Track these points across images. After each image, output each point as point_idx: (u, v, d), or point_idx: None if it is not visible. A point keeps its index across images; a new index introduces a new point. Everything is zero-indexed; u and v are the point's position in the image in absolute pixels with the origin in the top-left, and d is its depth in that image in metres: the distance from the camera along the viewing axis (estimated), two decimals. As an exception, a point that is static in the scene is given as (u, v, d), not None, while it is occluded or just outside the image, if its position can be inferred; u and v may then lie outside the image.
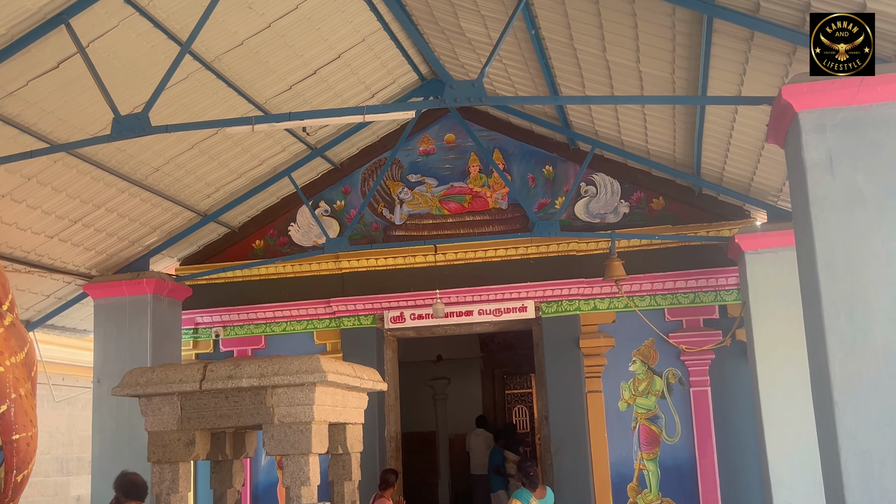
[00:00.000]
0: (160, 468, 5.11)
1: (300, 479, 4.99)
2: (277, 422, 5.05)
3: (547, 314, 9.39)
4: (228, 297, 9.90)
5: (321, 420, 5.17)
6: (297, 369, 5.04)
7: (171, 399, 5.14)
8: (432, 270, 9.54)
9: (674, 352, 9.08)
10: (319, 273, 9.85)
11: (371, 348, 9.61)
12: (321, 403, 5.17)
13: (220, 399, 5.13)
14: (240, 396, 5.11)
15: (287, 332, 9.90)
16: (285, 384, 5.04)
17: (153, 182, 8.18)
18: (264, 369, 5.06)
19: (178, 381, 5.08)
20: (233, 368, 5.10)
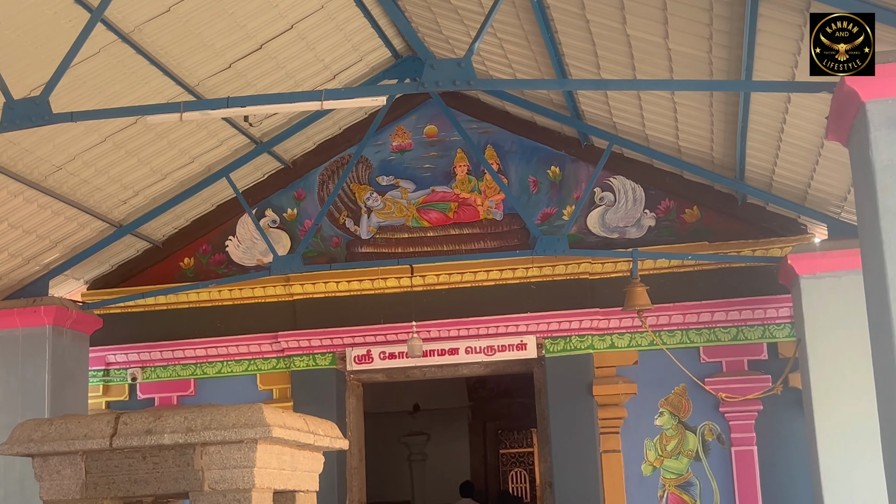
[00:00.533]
0: (58, 548, 5.04)
1: (237, 563, 4.94)
2: (208, 489, 4.99)
3: (552, 353, 9.40)
4: (149, 331, 9.85)
5: (264, 487, 5.12)
6: (235, 422, 4.99)
7: (73, 459, 5.07)
8: (407, 297, 9.53)
9: (711, 401, 9.10)
10: (265, 300, 9.83)
11: (329, 396, 9.58)
12: (264, 466, 5.12)
13: (135, 460, 5.07)
14: (161, 456, 5.05)
15: (223, 374, 9.86)
16: (219, 441, 4.98)
17: (54, 184, 8.14)
18: (192, 422, 5.01)
19: (82, 437, 5.02)
20: (152, 421, 5.05)
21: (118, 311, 9.79)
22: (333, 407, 9.51)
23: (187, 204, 9.62)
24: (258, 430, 4.96)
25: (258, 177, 9.99)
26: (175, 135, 8.46)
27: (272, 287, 9.79)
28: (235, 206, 9.83)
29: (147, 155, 8.52)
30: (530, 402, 10.70)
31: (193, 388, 9.86)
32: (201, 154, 9.01)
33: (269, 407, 5.25)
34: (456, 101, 9.70)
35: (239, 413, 5.04)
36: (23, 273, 8.91)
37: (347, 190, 9.98)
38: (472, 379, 14.25)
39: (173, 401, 9.81)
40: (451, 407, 14.73)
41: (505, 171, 9.75)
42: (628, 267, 8.96)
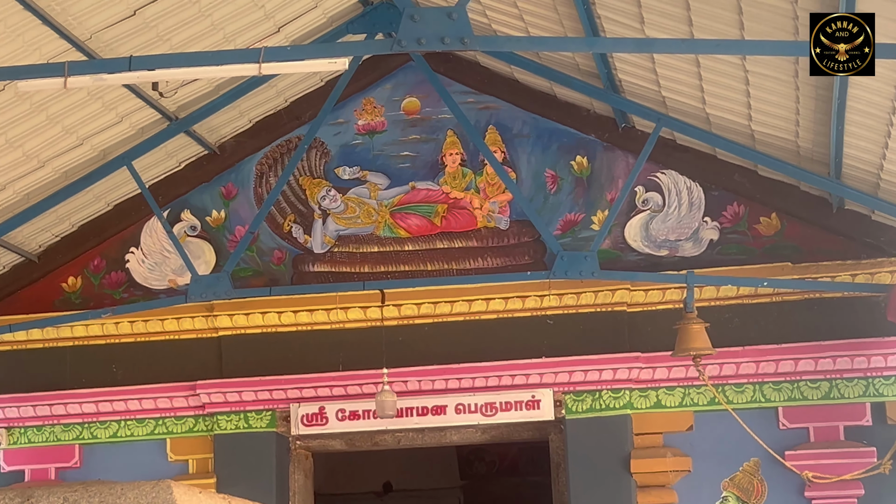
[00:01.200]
0: None
1: None
2: None
3: (575, 413, 9.42)
4: (17, 377, 9.86)
5: None
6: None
7: None
8: (377, 334, 9.53)
9: (794, 482, 9.12)
10: (180, 336, 9.85)
11: (266, 468, 9.60)
12: (174, 568, 5.12)
13: (-6, 558, 5.06)
14: (30, 554, 5.04)
15: (120, 438, 9.85)
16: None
17: None
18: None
19: (-80, 525, 5.01)
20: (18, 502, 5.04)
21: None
22: (272, 485, 9.50)
23: (74, 202, 9.61)
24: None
25: (172, 166, 9.99)
26: (57, 107, 8.44)
27: (189, 319, 9.78)
28: (140, 206, 9.83)
29: (18, 135, 8.50)
30: (545, 480, 10.68)
31: (78, 457, 9.83)
32: (93, 134, 9.00)
33: (182, 485, 5.24)
34: (446, 65, 9.73)
35: (139, 493, 5.03)
36: None
37: (295, 186, 9.98)
38: (464, 449, 14.22)
39: (50, 475, 9.77)
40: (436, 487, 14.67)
41: (513, 163, 9.77)
42: (681, 296, 8.97)
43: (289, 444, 9.87)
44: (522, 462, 14.13)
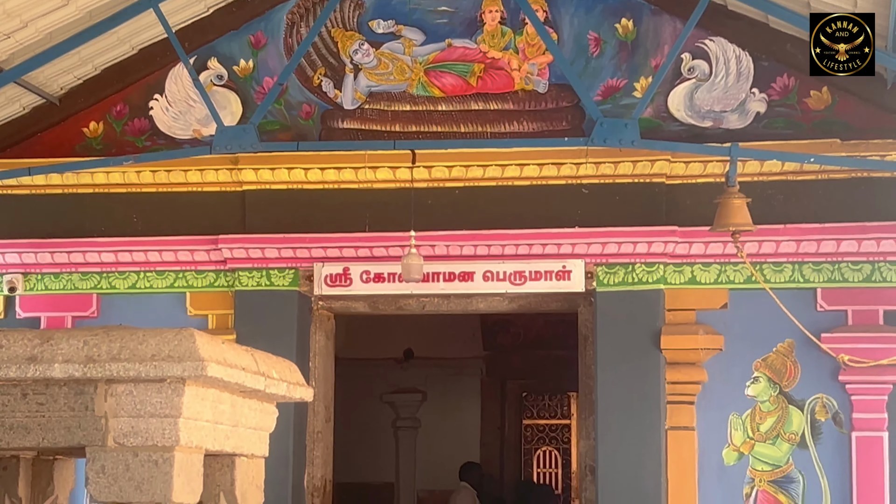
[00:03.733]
0: None
1: (149, 549, 5.01)
2: (114, 443, 5.05)
3: (606, 286, 9.44)
4: (36, 222, 9.92)
5: (192, 445, 5.18)
6: (155, 353, 5.03)
7: (-77, 392, 5.13)
8: (406, 196, 9.52)
9: (829, 366, 9.16)
10: (203, 188, 9.87)
11: (287, 328, 9.67)
12: (194, 416, 5.18)
13: (12, 398, 5.12)
14: (49, 395, 5.11)
15: (138, 290, 9.93)
16: (131, 378, 5.03)
17: None
18: (95, 349, 5.05)
19: (-63, 361, 5.06)
20: (38, 344, 5.09)
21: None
22: (293, 345, 9.56)
23: (97, 44, 9.54)
24: (188, 365, 5.00)
25: (200, 11, 9.91)
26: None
27: (213, 171, 9.79)
28: (165, 51, 9.75)
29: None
30: (569, 356, 10.75)
31: (96, 306, 9.92)
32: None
33: (205, 334, 5.27)
34: None
35: (161, 340, 5.07)
36: None
37: (327, 38, 9.90)
38: (489, 319, 14.31)
39: (67, 323, 9.87)
40: (459, 357, 14.81)
41: (555, 23, 9.66)
42: (723, 170, 8.89)
43: (311, 304, 9.93)
44: (548, 335, 14.18)
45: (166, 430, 5.05)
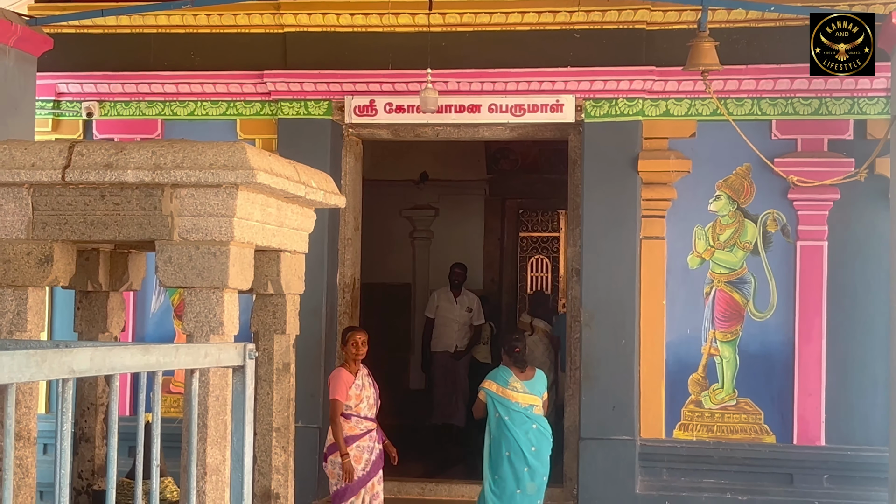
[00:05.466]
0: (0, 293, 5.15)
1: (209, 325, 5.06)
2: (179, 238, 5.06)
3: (593, 118, 9.36)
4: (108, 57, 9.78)
5: (244, 241, 5.20)
6: (213, 162, 5.00)
7: (17, 193, 5.12)
8: (424, 39, 9.36)
9: (779, 186, 9.14)
10: (250, 30, 9.72)
11: (322, 151, 9.61)
12: (246, 216, 5.18)
13: (92, 198, 5.12)
14: (123, 197, 5.10)
15: (196, 116, 9.86)
16: (193, 183, 5.02)
17: None
18: (162, 158, 5.02)
19: (29, 167, 5.04)
20: (113, 154, 5.06)
21: (72, 30, 9.66)
22: (327, 164, 9.51)
23: None
24: (240, 173, 4.99)
25: None
26: None
27: (259, 15, 9.63)
28: None
29: None
30: (559, 179, 10.74)
31: (160, 130, 9.86)
32: None
33: (254, 148, 5.25)
34: None
35: (218, 152, 5.06)
36: (-44, -24, 8.74)
37: None
38: (492, 147, 14.26)
39: (136, 143, 9.83)
40: (466, 179, 14.80)
41: None
42: (696, 17, 8.73)
43: (342, 131, 9.88)
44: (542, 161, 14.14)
45: (223, 227, 5.08)
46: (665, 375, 9.26)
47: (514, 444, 8.11)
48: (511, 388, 8.22)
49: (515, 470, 8.11)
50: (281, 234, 5.71)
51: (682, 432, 9.24)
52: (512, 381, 8.23)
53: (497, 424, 8.19)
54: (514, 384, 8.22)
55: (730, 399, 9.20)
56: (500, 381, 8.28)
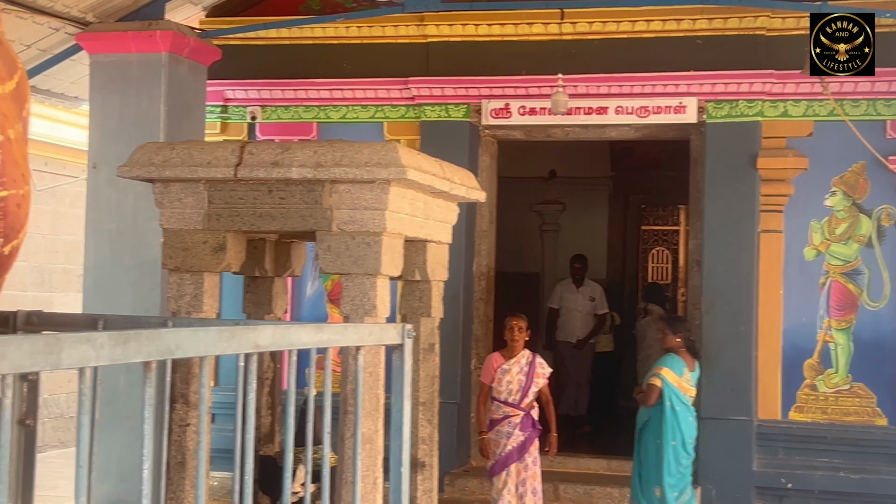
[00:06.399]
0: (179, 278, 5.29)
1: (364, 308, 5.13)
2: (337, 229, 5.14)
3: (714, 118, 9.21)
4: (270, 67, 9.96)
5: (395, 232, 5.25)
6: (368, 160, 5.06)
7: (195, 188, 5.25)
8: (555, 47, 9.37)
9: (893, 183, 8.89)
10: (396, 41, 9.79)
11: (461, 150, 9.64)
12: (396, 210, 5.23)
13: (261, 193, 5.23)
14: (288, 191, 5.20)
15: (348, 119, 9.98)
16: (350, 179, 5.09)
17: None
18: (323, 157, 5.10)
19: (205, 165, 5.17)
20: (279, 153, 5.16)
21: (238, 42, 9.86)
22: (465, 163, 9.46)
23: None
24: (392, 170, 5.04)
25: None
26: None
27: (405, 27, 9.71)
28: (367, -71, 9.63)
29: None
30: (679, 175, 10.59)
31: (316, 132, 10.01)
32: None
33: (404, 147, 5.30)
34: None
35: (372, 151, 5.12)
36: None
37: (495, -81, 9.65)
38: (616, 146, 14.14)
39: (295, 144, 9.99)
40: (591, 176, 14.70)
41: None
42: (814, 23, 8.52)
43: (479, 132, 9.91)
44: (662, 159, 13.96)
45: (376, 220, 5.13)
46: (782, 360, 9.08)
47: (680, 433, 7.68)
48: (684, 379, 7.71)
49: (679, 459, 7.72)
50: (427, 226, 5.75)
51: (797, 414, 9.06)
52: (685, 371, 7.72)
53: (670, 413, 7.64)
54: (686, 375, 7.72)
55: (844, 383, 8.97)
56: (676, 370, 7.70)
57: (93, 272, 8.98)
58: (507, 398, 7.78)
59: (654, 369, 7.87)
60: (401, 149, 5.18)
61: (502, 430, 7.75)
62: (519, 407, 7.76)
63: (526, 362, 7.85)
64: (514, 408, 7.75)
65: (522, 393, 7.77)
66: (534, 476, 7.78)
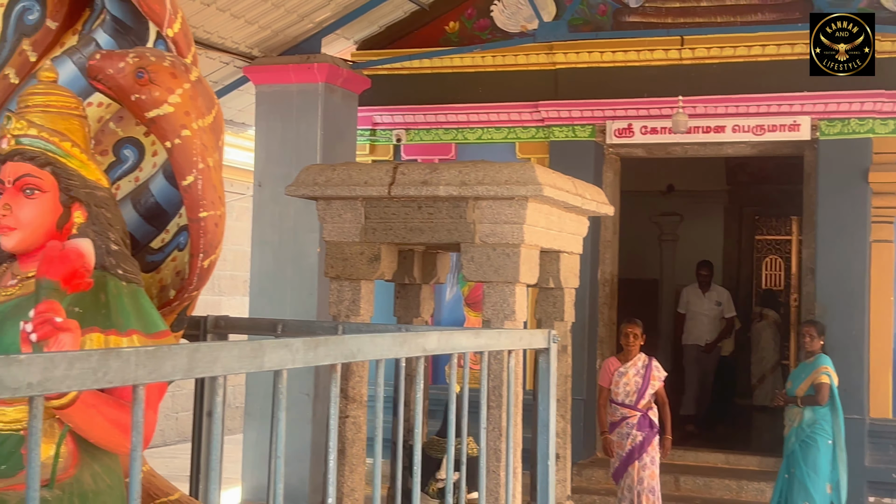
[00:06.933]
0: (339, 285, 5.42)
1: (504, 313, 5.16)
2: (479, 241, 5.19)
3: (827, 136, 8.99)
4: (413, 93, 10.08)
5: (532, 243, 5.27)
6: (507, 179, 5.10)
7: (353, 205, 5.37)
8: (675, 71, 9.27)
9: None
10: (527, 68, 9.81)
11: (587, 168, 9.59)
12: (533, 223, 5.25)
13: (411, 209, 5.31)
14: (435, 207, 5.27)
15: (483, 140, 10.04)
16: (490, 196, 5.12)
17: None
18: (466, 176, 5.15)
19: (362, 184, 5.28)
20: (428, 173, 5.23)
21: (385, 72, 10.02)
22: (590, 179, 9.43)
23: (455, -34, 9.55)
24: (530, 187, 5.06)
25: (527, -61, 9.74)
26: None
27: (535, 55, 9.73)
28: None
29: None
30: (792, 188, 10.37)
31: (454, 152, 10.10)
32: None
33: (541, 167, 5.32)
34: None
35: (511, 170, 5.15)
36: (297, 30, 9.21)
37: (618, -46, 9.60)
38: (731, 162, 13.89)
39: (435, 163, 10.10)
40: (707, 190, 14.45)
41: (792, -64, 9.05)
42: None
43: (604, 151, 9.86)
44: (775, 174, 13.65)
45: (515, 233, 5.16)
46: (893, 363, 8.80)
47: (843, 429, 7.50)
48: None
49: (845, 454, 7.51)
50: (560, 237, 5.76)
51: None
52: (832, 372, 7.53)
53: (837, 411, 7.44)
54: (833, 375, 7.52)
55: (956, 387, 8.66)
56: (833, 369, 7.52)
57: (258, 279, 9.24)
58: (624, 400, 7.61)
59: (818, 368, 7.58)
60: (538, 168, 5.20)
61: (622, 432, 7.56)
62: (635, 408, 7.57)
63: (642, 365, 7.66)
64: (631, 409, 7.56)
65: (639, 395, 7.58)
66: (651, 475, 7.53)
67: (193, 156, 2.58)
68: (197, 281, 2.77)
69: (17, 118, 2.57)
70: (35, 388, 1.41)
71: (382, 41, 10.22)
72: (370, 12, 9.48)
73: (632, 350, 7.72)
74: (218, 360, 1.67)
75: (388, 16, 10.00)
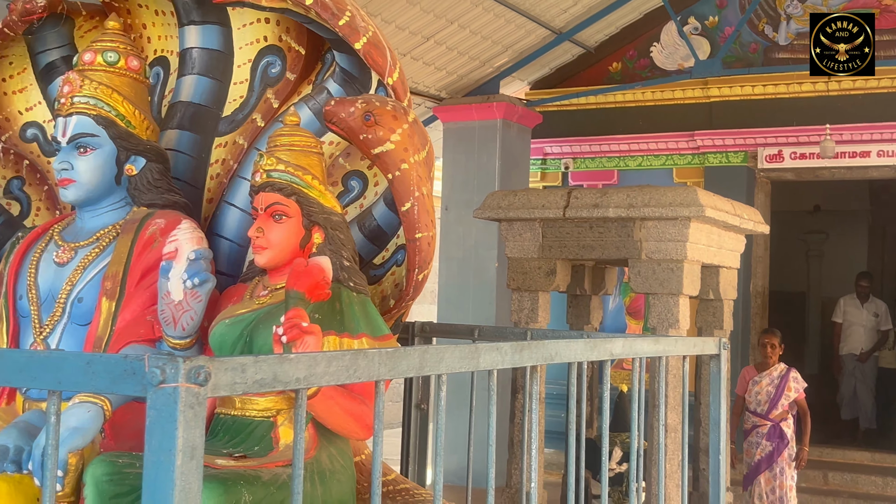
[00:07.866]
0: (519, 296, 5.46)
1: (668, 322, 5.09)
2: (645, 257, 5.14)
3: (970, 158, 8.45)
4: (579, 126, 10.04)
5: (694, 259, 5.18)
6: (671, 201, 5.04)
7: (532, 225, 5.41)
8: (822, 101, 8.92)
9: None
10: (683, 101, 9.63)
11: (740, 191, 9.30)
12: (695, 241, 5.17)
13: (583, 229, 5.31)
14: (605, 227, 5.25)
15: (643, 167, 9.90)
16: (656, 217, 5.07)
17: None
18: (633, 199, 5.12)
19: (540, 207, 5.32)
20: (599, 197, 5.23)
21: (555, 108, 10.02)
22: (743, 201, 9.15)
23: (618, 12, 9.46)
24: (692, 209, 4.99)
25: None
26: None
27: (691, 90, 9.54)
28: (661, 14, 9.53)
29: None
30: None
31: (616, 178, 10.00)
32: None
33: (702, 190, 5.22)
34: None
35: (675, 193, 5.09)
36: (478, 74, 9.35)
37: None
38: (875, 184, 13.18)
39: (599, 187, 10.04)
40: (851, 209, 13.78)
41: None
42: None
43: (755, 175, 9.56)
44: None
45: (678, 250, 5.09)
46: None
47: None
48: None
49: None
50: (720, 254, 5.64)
51: None
52: None
53: None
54: None
55: None
56: None
57: (445, 290, 9.39)
58: (756, 408, 6.87)
59: None
60: (700, 191, 5.12)
61: (751, 441, 6.86)
62: (766, 417, 6.85)
63: (778, 375, 6.93)
64: (762, 418, 6.84)
65: (771, 404, 6.84)
66: (781, 486, 6.79)
67: (411, 185, 2.68)
68: (413, 292, 2.86)
69: (267, 156, 2.74)
70: (301, 382, 1.49)
71: (553, 81, 10.23)
72: (542, 56, 9.52)
73: (770, 360, 7.06)
74: (443, 360, 1.73)
75: (558, 59, 10.01)
